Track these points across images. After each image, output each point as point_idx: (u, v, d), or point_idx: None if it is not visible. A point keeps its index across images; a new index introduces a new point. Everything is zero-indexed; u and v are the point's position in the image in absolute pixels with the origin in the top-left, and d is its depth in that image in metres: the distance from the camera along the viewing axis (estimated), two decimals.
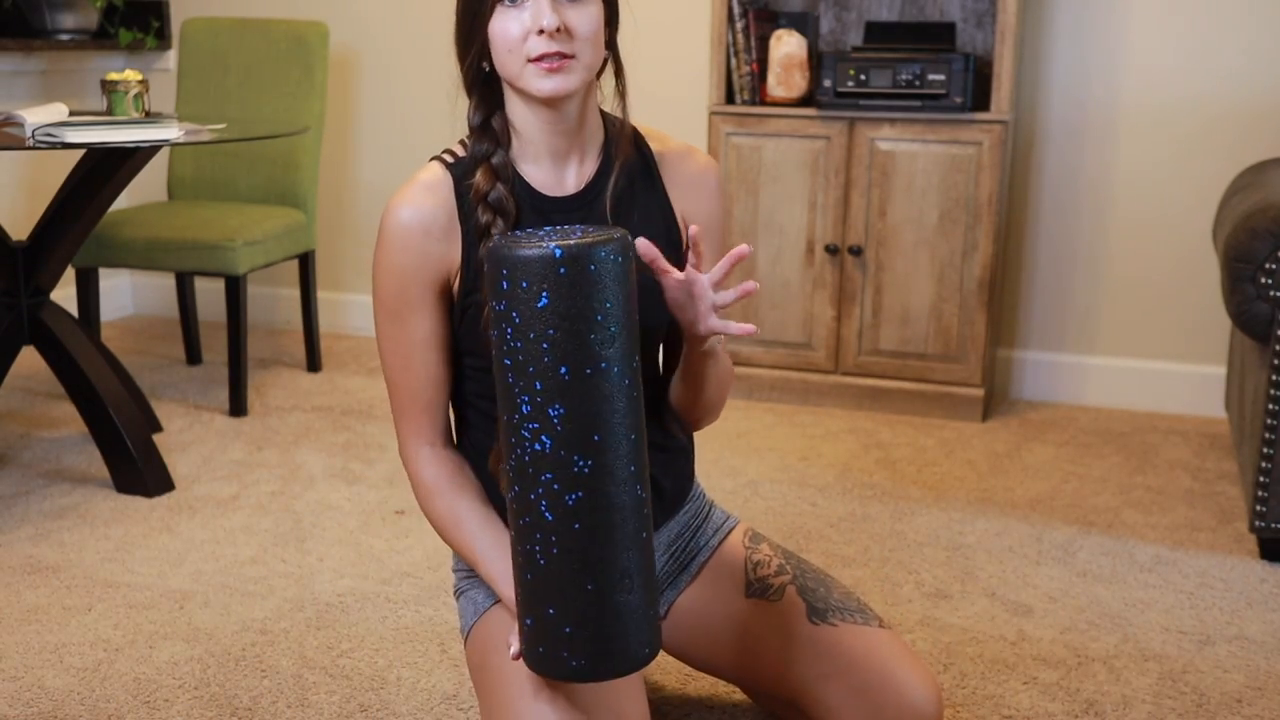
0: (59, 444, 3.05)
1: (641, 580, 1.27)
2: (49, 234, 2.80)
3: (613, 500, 1.24)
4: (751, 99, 3.39)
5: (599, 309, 1.21)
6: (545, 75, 1.39)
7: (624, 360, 1.23)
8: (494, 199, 1.45)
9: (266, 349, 3.97)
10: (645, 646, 1.28)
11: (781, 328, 3.40)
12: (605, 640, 1.26)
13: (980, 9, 3.38)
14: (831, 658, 1.54)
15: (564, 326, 1.20)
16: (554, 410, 1.22)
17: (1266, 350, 2.42)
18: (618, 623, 1.26)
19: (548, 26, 1.36)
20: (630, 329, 1.24)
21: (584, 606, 1.25)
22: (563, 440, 1.22)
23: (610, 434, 1.23)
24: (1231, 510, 2.72)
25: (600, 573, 1.24)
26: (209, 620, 2.16)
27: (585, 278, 1.20)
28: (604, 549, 1.24)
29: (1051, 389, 3.55)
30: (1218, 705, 1.93)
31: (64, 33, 3.96)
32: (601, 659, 1.26)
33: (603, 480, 1.23)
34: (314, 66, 3.62)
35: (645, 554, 1.28)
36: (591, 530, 1.24)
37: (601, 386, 1.22)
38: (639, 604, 1.27)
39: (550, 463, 1.23)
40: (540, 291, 1.20)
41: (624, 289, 1.23)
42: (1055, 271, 3.50)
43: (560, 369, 1.21)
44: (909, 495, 2.79)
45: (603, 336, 1.21)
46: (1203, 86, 3.30)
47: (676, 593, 1.68)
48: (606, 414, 1.23)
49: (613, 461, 1.23)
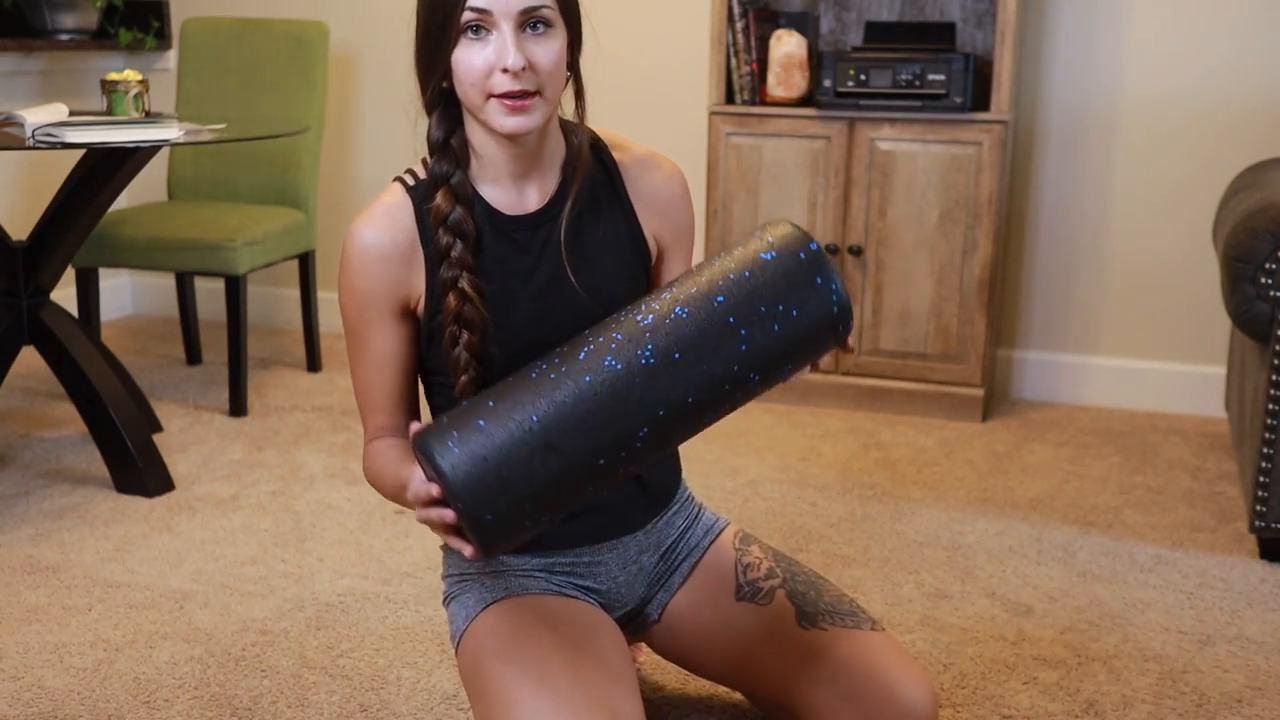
0: (59, 444, 3.05)
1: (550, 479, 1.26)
2: (49, 234, 2.80)
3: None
4: (751, 99, 3.39)
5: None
6: (508, 114, 1.39)
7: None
8: (453, 221, 1.46)
9: (266, 349, 3.97)
10: (489, 513, 1.25)
11: None
12: (489, 473, 1.24)
13: (980, 9, 3.38)
14: (822, 663, 1.53)
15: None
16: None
17: (1266, 350, 2.42)
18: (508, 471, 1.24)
19: (512, 66, 1.36)
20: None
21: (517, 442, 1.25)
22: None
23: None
24: (1231, 510, 2.72)
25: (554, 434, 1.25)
26: (209, 620, 2.16)
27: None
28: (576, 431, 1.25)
29: (1051, 389, 3.55)
30: (1218, 705, 1.93)
31: (64, 33, 3.96)
32: (474, 478, 1.25)
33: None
34: (314, 66, 3.62)
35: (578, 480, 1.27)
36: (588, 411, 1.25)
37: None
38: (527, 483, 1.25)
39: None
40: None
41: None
42: (1055, 271, 3.50)
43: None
44: (909, 495, 2.79)
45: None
46: (1203, 86, 3.30)
47: (668, 595, 1.68)
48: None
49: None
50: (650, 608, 1.69)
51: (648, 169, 1.57)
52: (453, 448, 1.24)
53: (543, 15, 1.39)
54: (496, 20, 1.37)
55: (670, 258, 1.62)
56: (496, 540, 1.26)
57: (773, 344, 1.29)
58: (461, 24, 1.37)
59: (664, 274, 1.63)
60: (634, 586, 1.66)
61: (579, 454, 1.24)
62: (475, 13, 1.37)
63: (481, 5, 1.37)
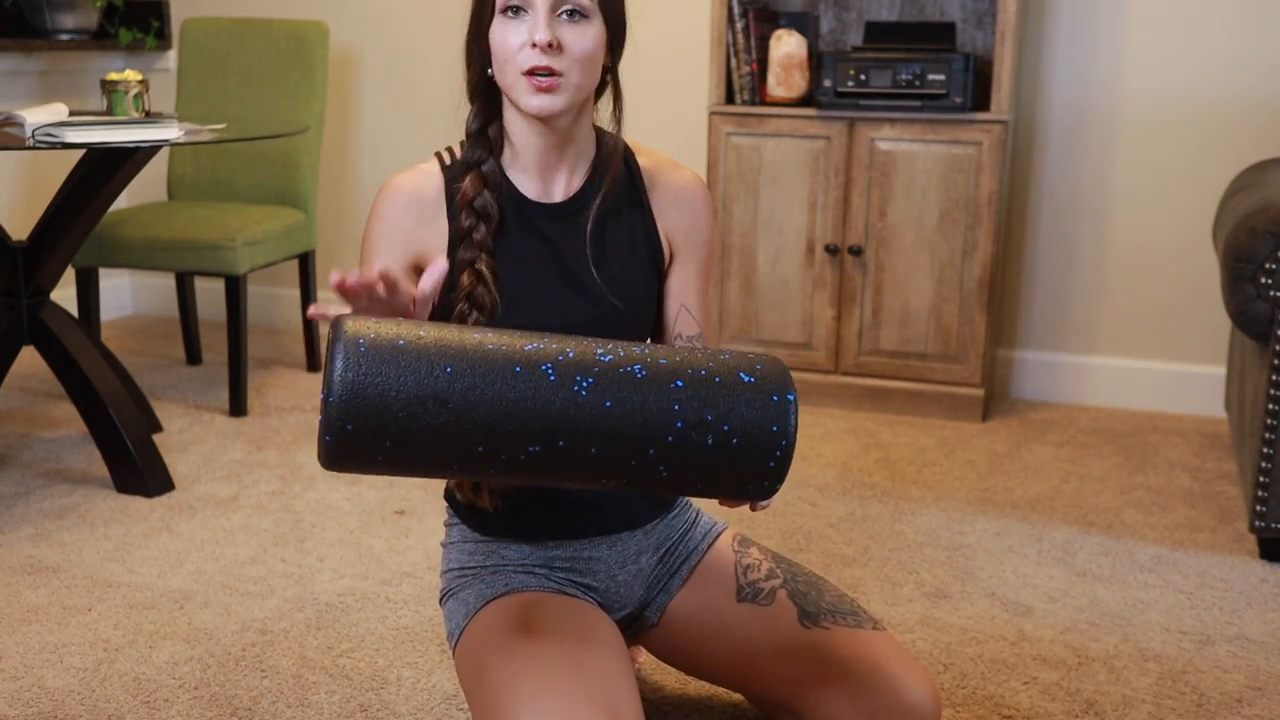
0: (59, 444, 3.05)
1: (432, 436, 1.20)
2: (49, 234, 2.80)
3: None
4: (751, 99, 3.39)
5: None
6: (534, 93, 1.44)
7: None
8: (479, 204, 1.51)
9: (266, 349, 3.97)
10: (350, 423, 1.18)
11: (781, 328, 3.40)
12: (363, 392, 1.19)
13: (980, 9, 3.38)
14: (825, 661, 1.53)
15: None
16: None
17: (1266, 350, 2.42)
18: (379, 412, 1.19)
19: (540, 40, 1.41)
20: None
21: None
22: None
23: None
24: (1231, 510, 2.72)
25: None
26: (209, 620, 2.16)
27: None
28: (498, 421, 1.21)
29: (1051, 389, 3.55)
30: (1218, 705, 1.93)
31: (64, 33, 3.96)
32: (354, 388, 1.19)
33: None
34: (314, 66, 3.62)
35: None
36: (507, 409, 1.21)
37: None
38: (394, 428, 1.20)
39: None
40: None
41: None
42: (1055, 271, 3.50)
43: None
44: (909, 495, 2.79)
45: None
46: (1203, 86, 3.30)
47: (668, 597, 1.68)
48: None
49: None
50: (649, 610, 1.69)
51: (668, 174, 1.62)
52: (360, 346, 1.19)
53: (579, 4, 1.45)
54: (533, 2, 1.44)
55: (681, 263, 1.63)
56: (343, 456, 1.20)
57: (697, 452, 1.25)
58: (499, 4, 1.45)
59: (673, 279, 1.64)
60: (633, 587, 1.66)
61: (467, 430, 1.20)
62: None
63: None
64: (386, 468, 1.22)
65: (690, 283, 1.64)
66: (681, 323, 1.63)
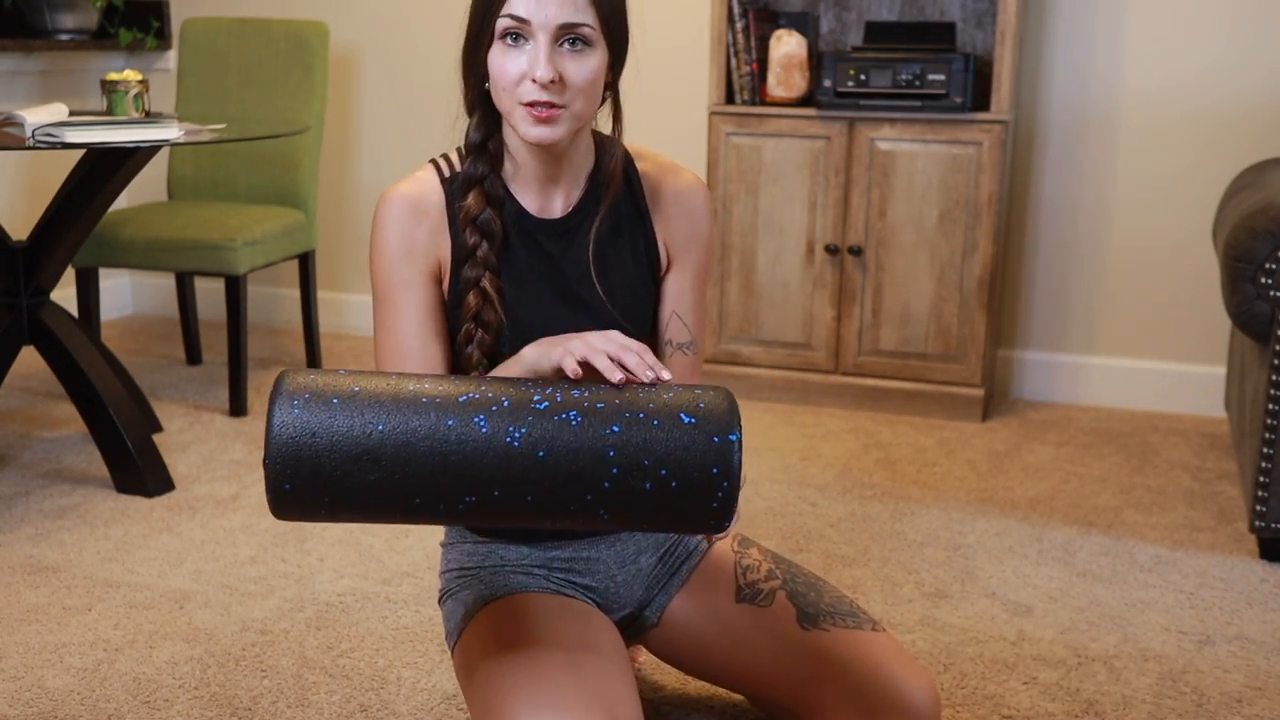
0: (59, 444, 3.05)
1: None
2: (49, 234, 2.80)
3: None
4: (751, 99, 3.39)
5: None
6: (533, 123, 1.41)
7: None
8: (482, 221, 1.50)
9: (266, 349, 3.97)
10: (288, 484, 1.23)
11: (781, 328, 3.40)
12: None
13: (980, 9, 3.38)
14: (824, 663, 1.53)
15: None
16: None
17: (1266, 350, 2.42)
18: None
19: (540, 78, 1.38)
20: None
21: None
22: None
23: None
24: (1231, 510, 2.72)
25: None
26: (209, 620, 2.16)
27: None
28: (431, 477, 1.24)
29: (1051, 389, 3.55)
30: (1218, 705, 1.93)
31: (64, 33, 3.96)
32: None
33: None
34: (314, 66, 3.62)
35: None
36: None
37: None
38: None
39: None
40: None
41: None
42: (1055, 271, 3.50)
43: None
44: (909, 495, 2.79)
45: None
46: (1203, 87, 3.30)
47: (667, 598, 1.68)
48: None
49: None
50: (649, 611, 1.69)
51: (669, 181, 1.59)
52: (295, 407, 1.23)
53: (582, 33, 1.41)
54: (534, 31, 1.39)
55: (678, 268, 1.61)
56: (288, 509, 1.25)
57: (636, 498, 1.24)
58: (499, 29, 1.41)
59: (669, 284, 1.62)
60: (632, 587, 1.66)
61: (401, 485, 1.22)
62: (513, 20, 1.40)
63: (520, 14, 1.40)
64: (332, 518, 1.26)
65: (686, 289, 1.62)
66: (673, 329, 1.62)
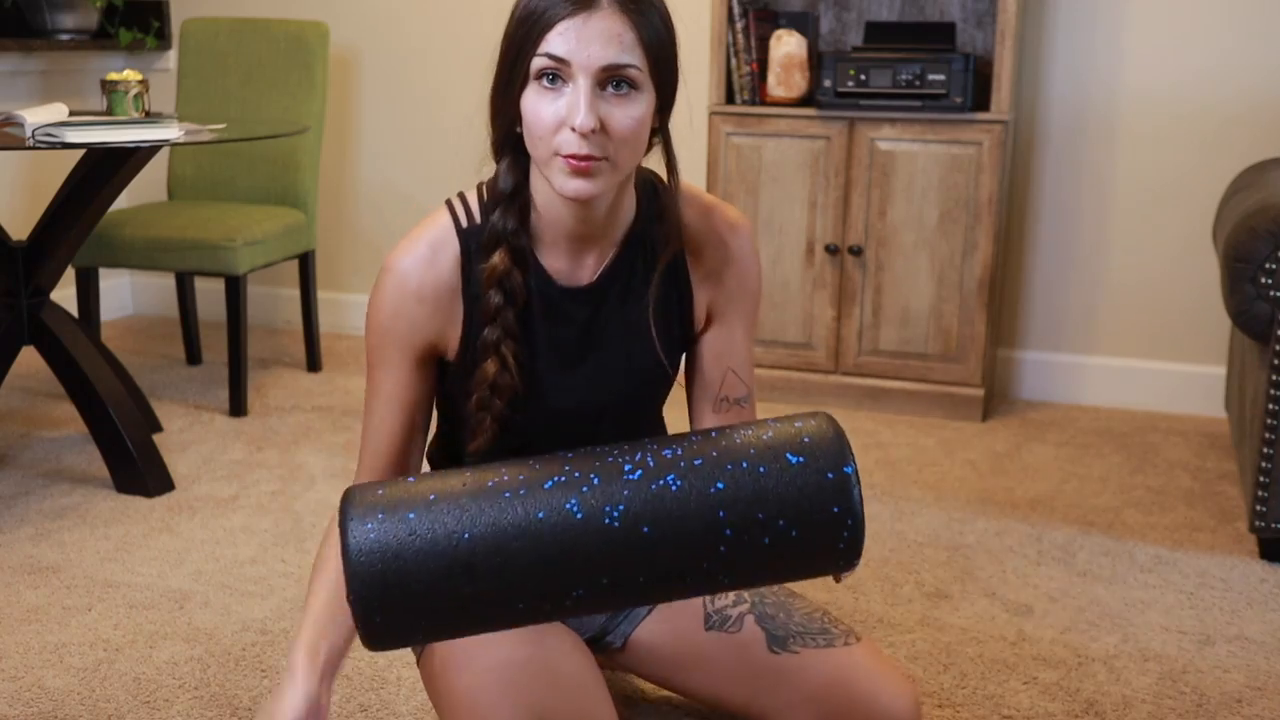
0: (59, 444, 3.05)
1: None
2: (49, 234, 2.80)
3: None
4: (751, 99, 3.39)
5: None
6: (571, 175, 1.24)
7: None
8: (509, 286, 1.34)
9: (266, 349, 3.97)
10: (379, 615, 1.12)
11: (781, 328, 3.40)
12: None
13: (980, 9, 3.38)
14: (794, 686, 1.50)
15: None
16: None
17: (1266, 350, 2.42)
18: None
19: (580, 127, 1.21)
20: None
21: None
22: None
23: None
24: (1231, 510, 2.72)
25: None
26: (209, 620, 2.16)
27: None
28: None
29: (1051, 389, 3.55)
30: (1218, 705, 1.93)
31: (64, 33, 3.96)
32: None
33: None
34: (314, 66, 3.62)
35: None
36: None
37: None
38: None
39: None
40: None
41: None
42: (1055, 271, 3.50)
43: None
44: (909, 495, 2.79)
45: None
46: (1203, 86, 3.30)
47: (632, 626, 1.62)
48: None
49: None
50: (612, 637, 1.64)
51: (714, 235, 1.44)
52: (369, 530, 1.11)
53: (628, 75, 1.24)
54: (574, 72, 1.22)
55: (726, 325, 1.49)
56: (382, 639, 1.13)
57: (756, 555, 1.13)
58: (535, 69, 1.24)
59: (715, 341, 1.49)
60: (594, 616, 1.61)
61: (499, 591, 1.11)
62: (551, 60, 1.23)
63: (559, 54, 1.22)
64: (434, 638, 1.15)
65: (737, 343, 1.49)
66: (728, 385, 1.50)
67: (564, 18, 1.22)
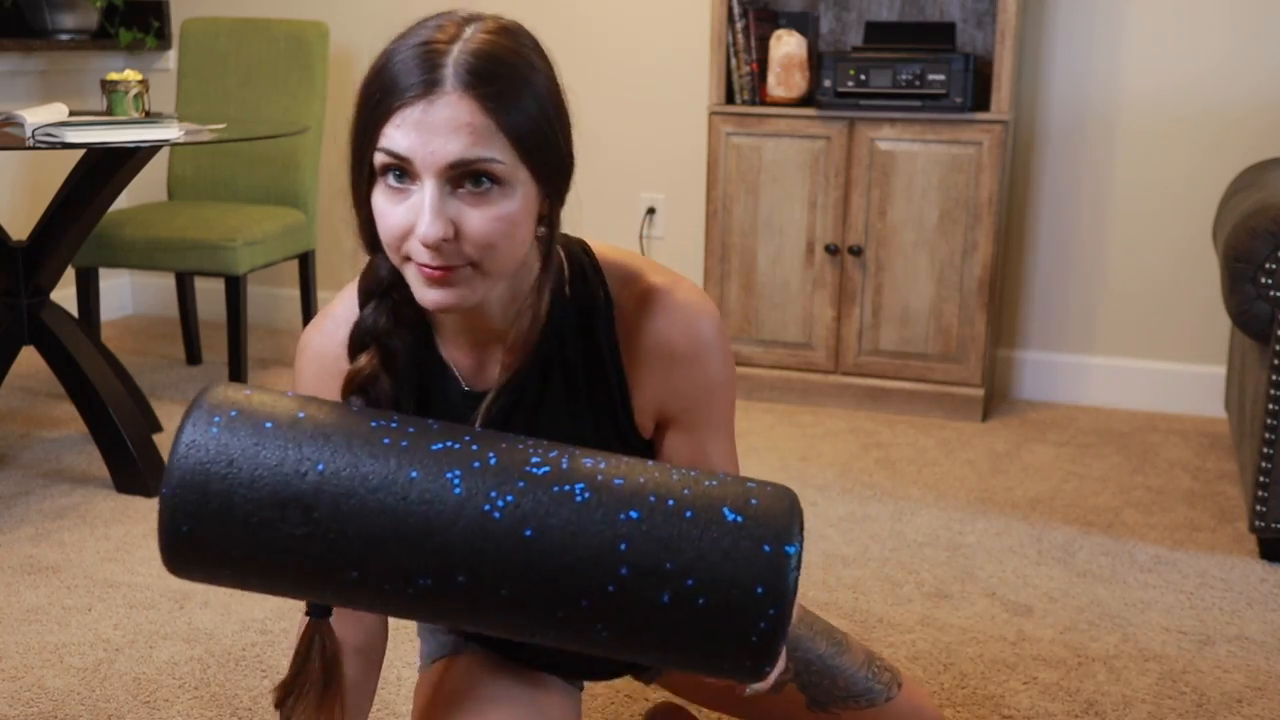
0: (59, 444, 3.05)
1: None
2: (49, 234, 2.80)
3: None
4: (751, 99, 3.39)
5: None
6: (427, 284, 1.05)
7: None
8: (376, 394, 1.10)
9: (266, 349, 3.97)
10: (186, 526, 0.96)
11: (781, 328, 3.40)
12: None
13: (980, 9, 3.38)
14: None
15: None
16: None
17: (1266, 350, 2.42)
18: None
19: (425, 238, 1.01)
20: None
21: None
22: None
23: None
24: (1231, 510, 2.72)
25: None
26: (209, 620, 2.16)
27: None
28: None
29: (1051, 389, 3.55)
30: (1218, 705, 1.93)
31: (64, 33, 3.96)
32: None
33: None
34: (314, 66, 3.62)
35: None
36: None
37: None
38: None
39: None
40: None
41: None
42: (1055, 271, 3.50)
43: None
44: (909, 495, 2.79)
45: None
46: (1203, 87, 3.30)
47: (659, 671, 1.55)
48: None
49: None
50: (645, 674, 1.57)
51: (652, 314, 1.18)
52: (214, 426, 0.95)
53: (486, 169, 1.02)
54: (418, 171, 1.02)
55: (688, 430, 1.23)
56: (183, 558, 0.97)
57: (647, 613, 0.93)
58: (378, 165, 1.04)
59: (679, 447, 1.24)
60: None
61: (334, 547, 0.94)
62: (390, 157, 1.03)
63: (399, 150, 1.02)
64: (236, 581, 0.98)
65: (704, 447, 1.24)
66: None
67: (400, 108, 1.02)
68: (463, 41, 1.05)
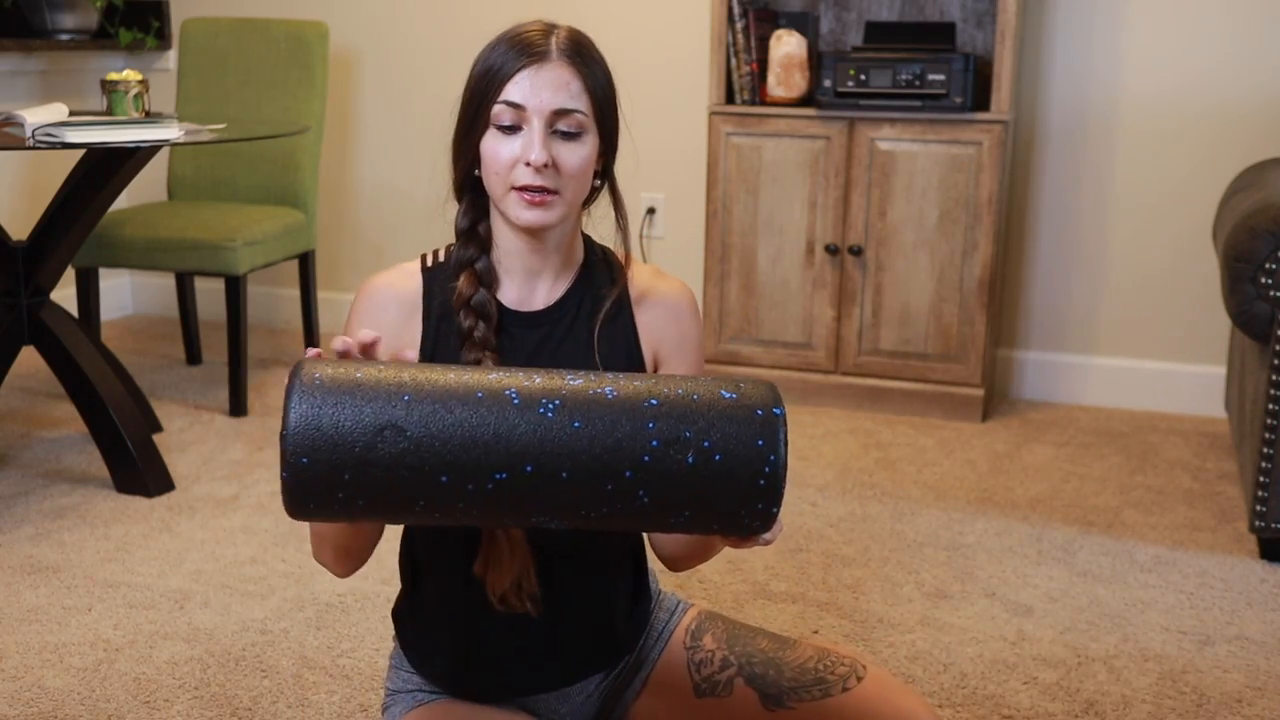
0: (59, 444, 3.05)
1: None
2: (49, 234, 2.80)
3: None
4: (751, 99, 3.39)
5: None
6: (526, 206, 1.40)
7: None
8: (476, 303, 1.46)
9: (266, 349, 3.97)
10: (305, 457, 1.16)
11: (781, 328, 3.40)
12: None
13: (980, 9, 3.38)
14: None
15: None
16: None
17: (1266, 350, 2.42)
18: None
19: (535, 161, 1.38)
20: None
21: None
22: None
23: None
24: (1231, 510, 2.72)
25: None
26: (209, 620, 2.16)
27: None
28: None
29: (1051, 389, 3.55)
30: (1218, 705, 1.93)
31: (64, 33, 3.96)
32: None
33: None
34: (314, 66, 3.62)
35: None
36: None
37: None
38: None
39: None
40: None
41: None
42: (1055, 271, 3.50)
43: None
44: (909, 495, 2.79)
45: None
46: (1203, 87, 3.30)
47: (624, 710, 1.61)
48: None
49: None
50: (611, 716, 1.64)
51: (657, 287, 1.55)
52: (316, 381, 1.18)
53: (575, 119, 1.40)
54: (529, 116, 1.39)
55: (666, 369, 1.56)
56: (302, 496, 1.17)
57: (676, 472, 1.19)
58: (494, 115, 1.40)
59: None
60: (583, 712, 1.61)
61: (427, 456, 1.17)
62: (509, 106, 1.39)
63: (516, 99, 1.39)
64: (350, 507, 1.19)
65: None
66: None
67: (520, 69, 1.40)
68: (556, 32, 1.43)
